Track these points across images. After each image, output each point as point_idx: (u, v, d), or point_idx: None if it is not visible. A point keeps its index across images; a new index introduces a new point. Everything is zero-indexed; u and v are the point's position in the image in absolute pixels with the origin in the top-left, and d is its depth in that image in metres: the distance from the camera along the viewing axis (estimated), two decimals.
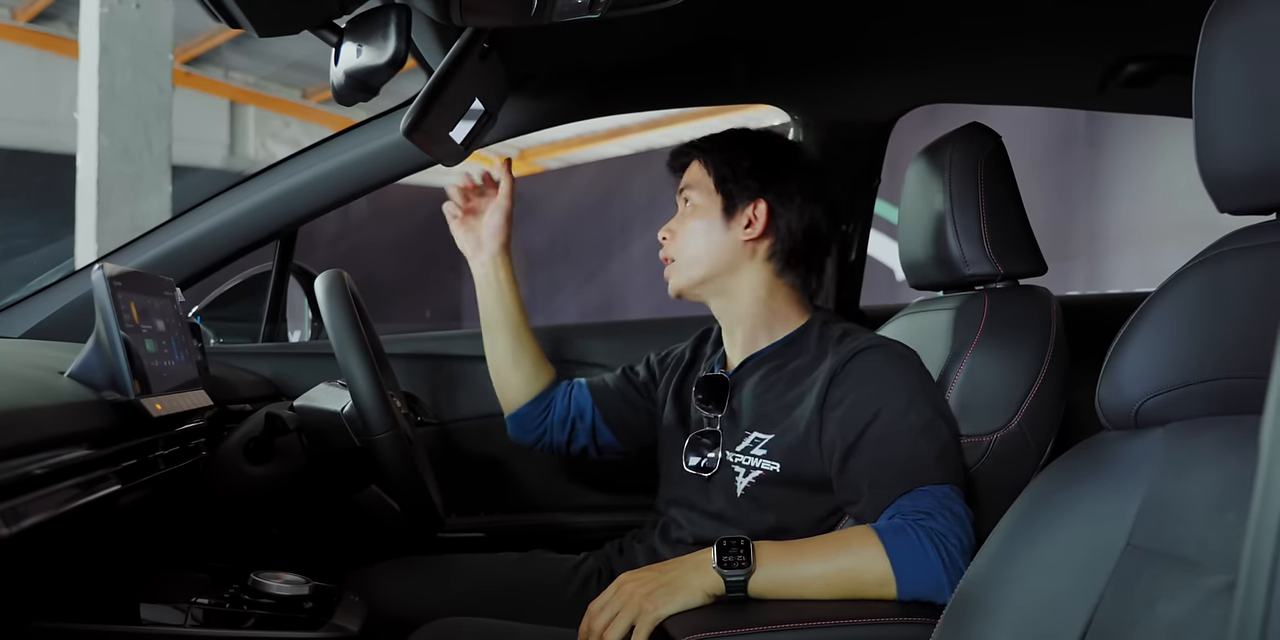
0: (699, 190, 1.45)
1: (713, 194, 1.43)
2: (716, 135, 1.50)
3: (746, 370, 1.42)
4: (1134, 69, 1.62)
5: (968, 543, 1.13)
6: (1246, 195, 0.80)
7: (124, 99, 4.10)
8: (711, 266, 1.43)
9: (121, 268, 1.13)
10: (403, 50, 1.03)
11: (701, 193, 1.44)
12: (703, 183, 1.45)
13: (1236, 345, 0.79)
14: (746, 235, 1.42)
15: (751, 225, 1.41)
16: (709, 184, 1.44)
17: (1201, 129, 0.82)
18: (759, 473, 1.34)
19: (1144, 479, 0.83)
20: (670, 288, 1.47)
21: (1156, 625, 0.76)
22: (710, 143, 1.48)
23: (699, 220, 1.44)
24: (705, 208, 1.43)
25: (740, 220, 1.42)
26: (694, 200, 1.45)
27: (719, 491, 1.39)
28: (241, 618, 1.13)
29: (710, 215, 1.43)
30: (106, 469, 1.00)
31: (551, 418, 1.64)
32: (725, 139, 1.48)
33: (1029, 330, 1.32)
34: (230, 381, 1.59)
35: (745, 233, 1.42)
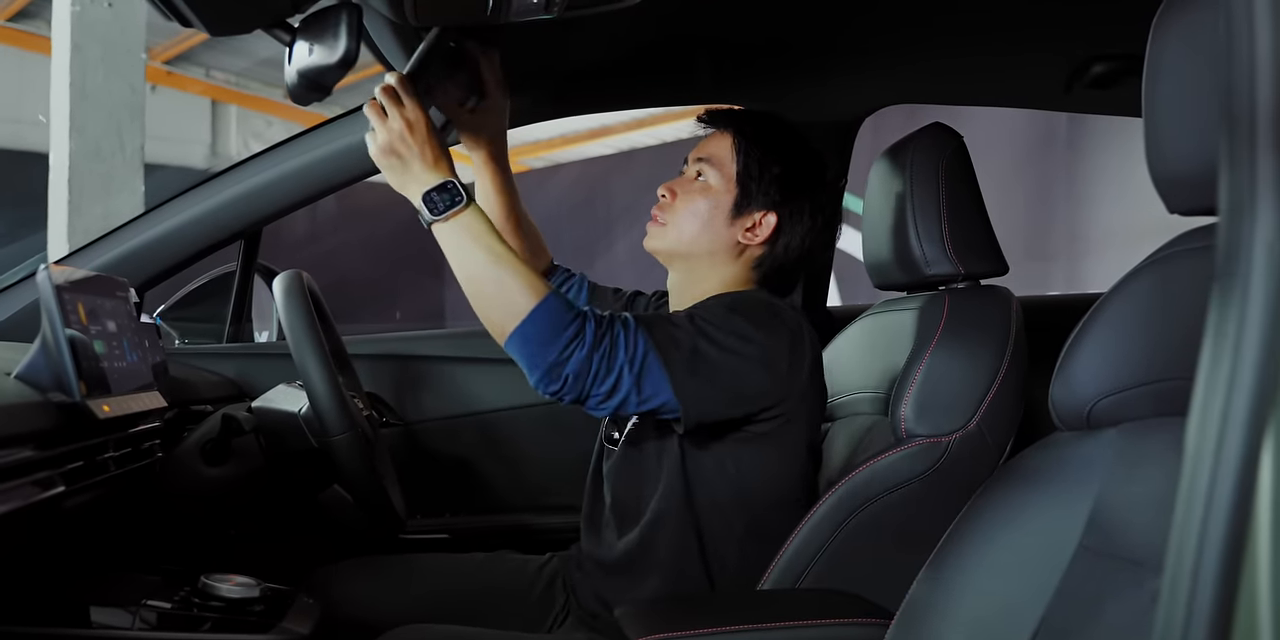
0: (718, 171, 1.40)
1: (730, 182, 1.39)
2: (759, 120, 1.44)
3: None
4: (1099, 70, 1.62)
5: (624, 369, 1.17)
6: (1196, 196, 0.80)
7: (96, 98, 4.07)
8: (694, 248, 1.40)
9: (72, 269, 1.12)
10: (354, 50, 1.03)
11: (720, 176, 1.40)
12: (724, 165, 1.40)
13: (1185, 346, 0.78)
14: (745, 239, 1.39)
15: (753, 231, 1.39)
16: (730, 170, 1.39)
17: (1151, 130, 0.81)
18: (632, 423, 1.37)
19: (1096, 480, 0.83)
20: (647, 244, 1.44)
21: (1105, 626, 0.77)
22: (750, 128, 1.42)
23: (706, 201, 1.39)
24: (717, 193, 1.39)
25: (745, 221, 1.39)
26: (709, 178, 1.40)
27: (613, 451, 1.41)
28: (192, 620, 1.11)
29: (719, 202, 1.39)
30: (51, 471, 0.99)
31: None
32: (767, 133, 1.42)
33: (989, 330, 1.32)
34: (192, 382, 1.58)
35: (745, 236, 1.39)
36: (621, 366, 1.17)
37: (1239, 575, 0.43)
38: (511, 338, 1.17)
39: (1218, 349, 0.46)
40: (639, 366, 1.18)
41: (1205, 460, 0.45)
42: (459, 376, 1.87)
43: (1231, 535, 0.44)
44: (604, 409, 1.20)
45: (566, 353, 1.15)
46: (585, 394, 1.18)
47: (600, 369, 1.16)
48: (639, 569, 1.34)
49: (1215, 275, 0.47)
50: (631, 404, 1.20)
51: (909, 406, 1.28)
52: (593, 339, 1.17)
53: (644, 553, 1.33)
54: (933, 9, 1.47)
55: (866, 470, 1.27)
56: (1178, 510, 0.47)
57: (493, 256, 1.19)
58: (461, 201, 1.20)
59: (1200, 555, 0.45)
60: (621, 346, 1.18)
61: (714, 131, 1.44)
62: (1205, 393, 0.46)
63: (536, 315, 1.16)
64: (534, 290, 1.18)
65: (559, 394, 1.18)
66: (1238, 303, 0.45)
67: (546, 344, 1.16)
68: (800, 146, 1.44)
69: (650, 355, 1.19)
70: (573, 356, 1.15)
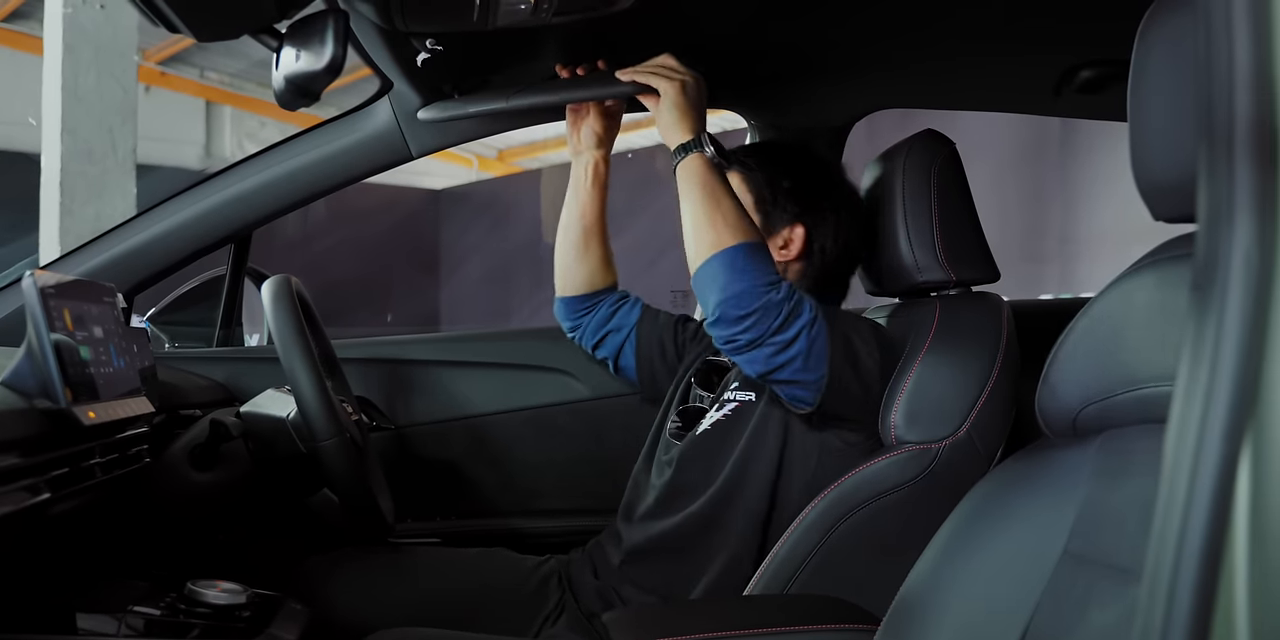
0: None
1: (751, 212, 1.43)
2: (757, 149, 1.52)
3: None
4: (1088, 75, 1.62)
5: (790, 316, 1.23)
6: (1180, 203, 0.80)
7: (88, 100, 4.06)
8: None
9: (59, 274, 1.11)
10: (340, 55, 1.03)
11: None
12: (741, 198, 1.43)
13: (1170, 352, 0.79)
14: (782, 256, 1.45)
15: (788, 247, 1.45)
16: (748, 201, 1.46)
17: (1135, 136, 0.81)
18: (734, 404, 1.39)
19: (1081, 487, 0.83)
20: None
21: (1089, 632, 0.77)
22: (752, 158, 1.50)
23: None
24: None
25: (776, 242, 1.45)
26: None
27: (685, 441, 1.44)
28: (178, 627, 1.11)
29: None
30: (36, 478, 0.98)
31: (593, 317, 1.69)
32: (766, 155, 1.50)
33: (980, 337, 1.32)
34: (182, 387, 1.58)
35: (782, 254, 1.45)
36: (804, 325, 1.23)
37: (1216, 583, 0.43)
38: (724, 253, 1.24)
39: (1195, 358, 0.47)
40: (815, 333, 1.23)
41: (1183, 469, 0.45)
42: (449, 380, 1.86)
43: (1209, 544, 0.44)
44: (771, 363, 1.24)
45: (762, 289, 1.22)
46: (763, 340, 1.22)
47: (785, 320, 1.22)
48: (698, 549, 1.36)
49: (1193, 285, 0.48)
50: (795, 366, 1.24)
51: (899, 413, 1.28)
52: (788, 290, 1.23)
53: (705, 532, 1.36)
54: (923, 14, 1.47)
55: (855, 476, 1.27)
56: (1156, 518, 0.47)
57: (731, 195, 1.31)
58: (706, 146, 1.33)
59: (1178, 563, 0.45)
60: (807, 309, 1.24)
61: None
62: (1183, 402, 0.46)
63: (754, 245, 1.25)
64: (756, 229, 1.29)
65: (739, 325, 1.22)
66: (1215, 312, 0.45)
67: (753, 271, 1.23)
68: (801, 156, 1.51)
69: (823, 328, 1.24)
70: (767, 296, 1.21)
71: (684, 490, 1.40)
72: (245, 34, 1.09)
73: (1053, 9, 1.43)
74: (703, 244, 1.27)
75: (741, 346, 1.23)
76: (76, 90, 4.05)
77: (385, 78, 1.55)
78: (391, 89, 1.59)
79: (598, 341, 1.70)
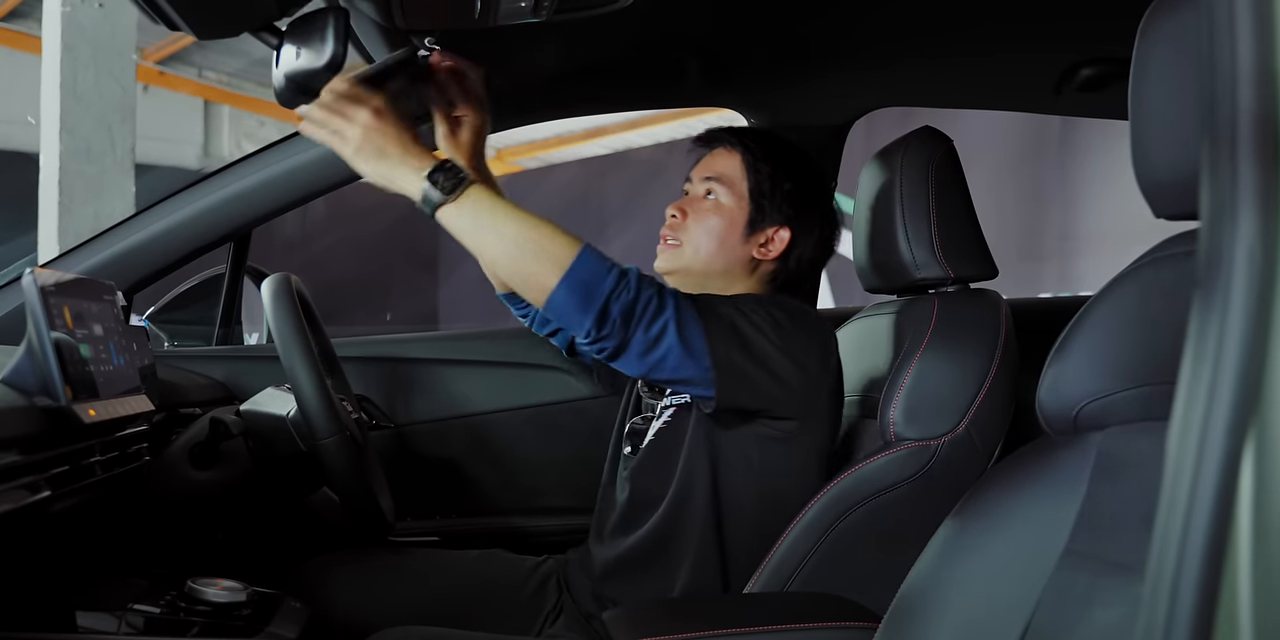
0: (730, 189, 1.41)
1: (743, 200, 1.40)
2: (764, 137, 1.45)
3: None
4: (1088, 73, 1.62)
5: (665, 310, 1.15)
6: (1181, 200, 0.80)
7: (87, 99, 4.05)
8: (710, 267, 1.41)
9: (59, 272, 1.11)
10: (341, 53, 1.03)
11: (732, 194, 1.41)
12: (736, 183, 1.42)
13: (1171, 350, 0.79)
14: (759, 254, 1.41)
15: (767, 247, 1.41)
16: (742, 188, 1.41)
17: (1137, 134, 0.81)
18: (672, 409, 1.35)
19: (1082, 484, 0.83)
20: (659, 265, 1.44)
21: (1092, 630, 0.76)
22: (758, 146, 1.43)
23: (720, 220, 1.41)
24: (731, 211, 1.41)
25: (759, 238, 1.41)
26: (721, 197, 1.41)
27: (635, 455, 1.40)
28: (178, 625, 1.11)
29: (734, 221, 1.40)
30: (36, 475, 0.98)
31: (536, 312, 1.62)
32: (773, 148, 1.44)
33: (978, 334, 1.32)
34: (181, 385, 1.58)
35: (759, 251, 1.41)
36: (668, 319, 1.16)
37: (1220, 581, 0.43)
38: (558, 289, 1.13)
39: (1199, 356, 0.46)
40: (684, 322, 1.17)
41: (1186, 467, 0.45)
42: (449, 379, 1.86)
43: (1212, 541, 0.44)
44: (643, 364, 1.17)
45: (616, 293, 1.13)
46: (628, 340, 1.14)
47: (647, 314, 1.15)
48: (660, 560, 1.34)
49: (1196, 282, 0.47)
50: (671, 362, 1.17)
51: (898, 410, 1.28)
52: (638, 282, 1.15)
53: (665, 543, 1.33)
54: (924, 12, 1.47)
55: (854, 473, 1.27)
56: (1159, 516, 0.47)
57: (518, 220, 1.15)
58: (466, 177, 1.15)
59: (1181, 561, 0.44)
60: (669, 298, 1.17)
61: (717, 149, 1.45)
62: (1186, 399, 0.46)
63: (580, 262, 1.13)
64: (569, 240, 1.15)
65: (605, 339, 1.14)
66: (1219, 310, 0.45)
67: (594, 286, 1.13)
68: (805, 160, 1.46)
69: (693, 314, 1.18)
70: (621, 297, 1.13)
71: (643, 505, 1.36)
72: (245, 32, 1.09)
73: (1053, 7, 1.43)
74: (534, 277, 1.14)
75: (611, 353, 1.16)
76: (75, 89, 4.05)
77: None
78: None
79: (549, 333, 1.65)
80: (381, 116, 1.14)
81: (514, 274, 1.17)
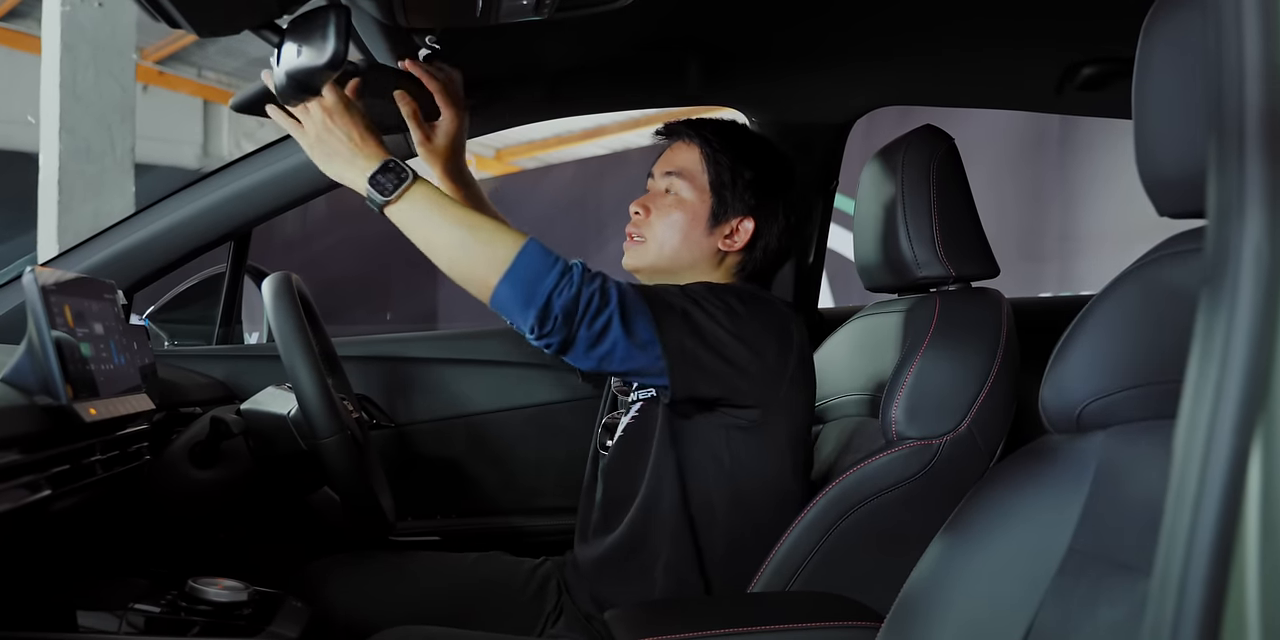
0: (689, 183, 1.41)
1: (704, 193, 1.40)
2: (722, 128, 1.44)
3: None
4: (1089, 72, 1.62)
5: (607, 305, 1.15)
6: (1185, 199, 0.79)
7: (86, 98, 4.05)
8: (676, 261, 1.41)
9: (59, 271, 1.11)
10: (342, 51, 1.03)
11: (692, 188, 1.41)
12: (696, 177, 1.41)
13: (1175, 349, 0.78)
14: (724, 245, 1.41)
15: (732, 238, 1.40)
16: (703, 181, 1.40)
17: (1140, 132, 0.81)
18: (640, 404, 1.35)
19: (1086, 483, 0.83)
20: (626, 262, 1.44)
21: (1097, 629, 0.76)
22: (716, 137, 1.42)
23: (682, 214, 1.40)
24: (693, 205, 1.40)
25: (723, 229, 1.40)
26: (681, 192, 1.41)
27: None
28: (179, 625, 1.11)
29: (696, 215, 1.40)
30: (36, 474, 0.98)
31: None
32: (731, 139, 1.43)
33: (980, 332, 1.31)
34: (181, 384, 1.58)
35: (724, 243, 1.40)
36: (612, 312, 1.16)
37: (1227, 579, 0.43)
38: (500, 287, 1.14)
39: (1206, 353, 0.46)
40: (629, 314, 1.17)
41: (1193, 465, 0.45)
42: (450, 378, 1.86)
43: (1220, 538, 0.43)
44: (590, 357, 1.17)
45: (558, 290, 1.13)
46: (573, 335, 1.15)
47: (590, 309, 1.15)
48: (634, 562, 1.33)
49: (1203, 279, 0.47)
50: (619, 354, 1.17)
51: (899, 408, 1.28)
52: (580, 278, 1.15)
53: (638, 544, 1.33)
54: (924, 11, 1.46)
55: (857, 472, 1.27)
56: (1166, 514, 0.46)
57: (459, 220, 1.17)
58: (408, 177, 1.17)
59: (1189, 559, 0.44)
60: (613, 292, 1.17)
61: (676, 142, 1.45)
62: (1193, 397, 0.46)
63: (521, 260, 1.14)
64: (512, 238, 1.16)
65: (549, 335, 1.14)
66: (1226, 307, 0.45)
67: (535, 283, 1.13)
68: (766, 149, 1.45)
69: (639, 306, 1.19)
70: (563, 294, 1.13)
71: (616, 504, 1.36)
72: (246, 29, 1.09)
73: (1055, 5, 1.43)
74: (477, 275, 1.16)
75: (558, 347, 1.16)
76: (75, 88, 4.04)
77: None
78: None
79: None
80: (332, 116, 1.18)
81: (457, 273, 1.18)
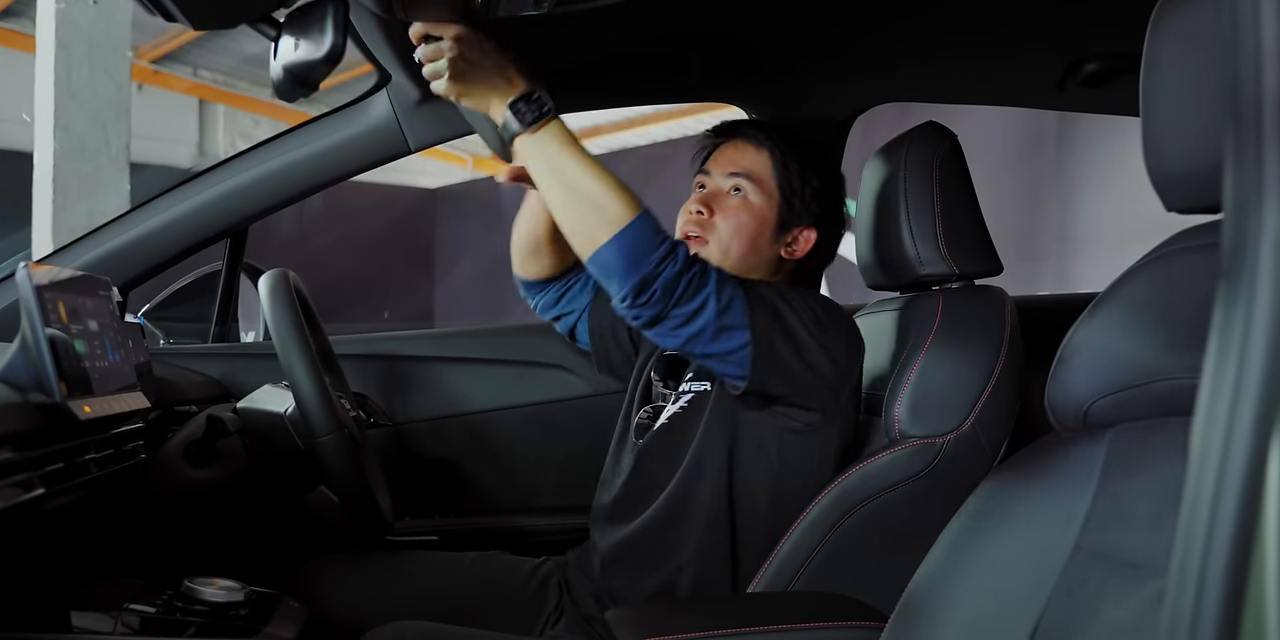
0: (759, 186, 1.38)
1: (773, 198, 1.38)
2: (788, 133, 1.42)
3: None
4: (1092, 68, 1.62)
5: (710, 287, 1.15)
6: (1193, 194, 0.79)
7: (81, 96, 4.05)
8: (739, 267, 1.36)
9: (53, 268, 1.10)
10: (340, 44, 1.02)
11: (761, 192, 1.38)
12: (765, 181, 1.38)
13: (1183, 345, 0.78)
14: (785, 253, 1.40)
15: (794, 246, 1.40)
16: (772, 186, 1.38)
17: (1148, 127, 0.81)
18: (690, 395, 1.34)
19: (1092, 481, 0.83)
20: None
21: (1103, 629, 0.76)
22: (785, 143, 1.40)
23: (751, 219, 1.38)
24: (761, 211, 1.38)
25: (786, 238, 1.39)
26: (750, 195, 1.38)
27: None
28: (175, 625, 1.10)
29: (764, 221, 1.38)
30: (30, 472, 0.97)
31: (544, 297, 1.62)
32: (798, 144, 1.41)
33: (983, 330, 1.31)
34: (177, 383, 1.56)
35: (786, 251, 1.40)
36: (708, 295, 1.16)
37: (1247, 577, 0.42)
38: (606, 246, 1.13)
39: (1224, 348, 0.45)
40: (725, 300, 1.17)
41: (1212, 461, 0.44)
42: (447, 377, 1.85)
43: (1239, 537, 0.43)
44: (677, 336, 1.17)
45: (662, 266, 1.13)
46: (665, 313, 1.14)
47: (688, 290, 1.14)
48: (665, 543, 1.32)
49: (1221, 273, 0.46)
50: (706, 336, 1.17)
51: (903, 407, 1.27)
52: (684, 259, 1.15)
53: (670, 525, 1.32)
54: (925, 7, 1.46)
55: (860, 471, 1.26)
56: (1183, 512, 0.46)
57: (587, 165, 1.16)
58: (550, 110, 1.16)
59: (1207, 557, 0.44)
60: (712, 277, 1.17)
61: (736, 143, 1.42)
62: (1211, 393, 0.45)
63: (636, 224, 1.14)
64: (632, 200, 1.15)
65: (642, 307, 1.14)
66: (1244, 301, 0.44)
67: (644, 253, 1.13)
68: (826, 158, 1.44)
69: (736, 293, 1.18)
70: (665, 271, 1.13)
71: (645, 490, 1.35)
72: (243, 23, 1.08)
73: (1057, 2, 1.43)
74: (586, 225, 1.15)
75: (647, 322, 1.16)
76: (69, 86, 4.04)
77: (384, 70, 1.54)
78: (390, 81, 1.58)
79: (553, 318, 1.65)
80: (463, 40, 1.14)
81: (568, 220, 1.17)
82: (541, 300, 1.63)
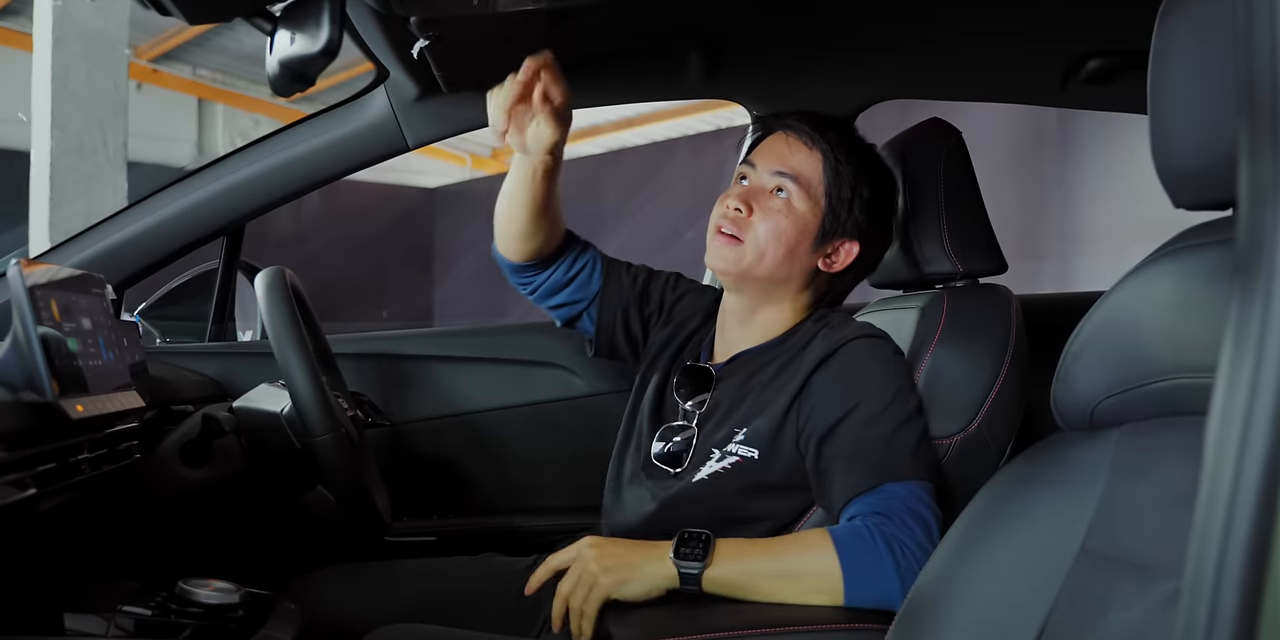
0: (805, 191, 1.29)
1: (818, 205, 1.29)
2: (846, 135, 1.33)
3: (737, 365, 1.35)
4: (1095, 65, 1.61)
5: (929, 546, 1.08)
6: (1201, 191, 0.78)
7: (79, 95, 4.05)
8: (774, 274, 1.30)
9: (46, 265, 1.09)
10: (336, 38, 1.01)
11: (807, 198, 1.29)
12: (812, 186, 1.29)
13: (1191, 343, 0.77)
14: (823, 265, 1.32)
15: (833, 258, 1.32)
16: (819, 191, 1.29)
17: (1156, 124, 0.80)
18: (735, 459, 1.26)
19: (1099, 482, 0.82)
20: (716, 264, 1.31)
21: (1109, 632, 0.75)
22: (842, 147, 1.30)
23: (792, 225, 1.28)
24: (803, 217, 1.29)
25: (826, 249, 1.31)
26: (794, 199, 1.29)
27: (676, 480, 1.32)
28: (169, 627, 1.09)
29: (805, 228, 1.29)
30: (22, 472, 0.96)
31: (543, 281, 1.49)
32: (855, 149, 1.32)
33: (989, 330, 1.30)
34: (172, 382, 1.56)
35: (824, 263, 1.32)
36: (924, 535, 1.11)
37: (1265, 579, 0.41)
38: (850, 603, 1.10)
39: (1240, 345, 0.44)
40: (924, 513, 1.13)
41: (1228, 461, 0.43)
42: (445, 376, 1.85)
43: (1256, 538, 0.42)
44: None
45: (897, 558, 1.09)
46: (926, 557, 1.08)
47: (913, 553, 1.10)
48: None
49: (1235, 269, 0.45)
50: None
51: None
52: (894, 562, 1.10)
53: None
54: (923, 6, 1.45)
55: None
56: (1198, 513, 0.45)
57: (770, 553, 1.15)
58: (705, 535, 1.14)
59: (1223, 559, 0.43)
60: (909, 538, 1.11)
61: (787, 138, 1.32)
62: (1227, 390, 0.44)
63: (851, 576, 1.10)
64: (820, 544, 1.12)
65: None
66: (1261, 295, 0.43)
67: (876, 578, 1.09)
68: (884, 167, 1.36)
69: (915, 497, 1.14)
70: (906, 555, 1.09)
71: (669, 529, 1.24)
72: (238, 17, 1.07)
73: None
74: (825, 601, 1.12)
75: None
76: (67, 84, 4.04)
77: (381, 66, 1.53)
78: (388, 78, 1.57)
79: (551, 306, 1.51)
80: (599, 545, 1.15)
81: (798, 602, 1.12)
82: (539, 284, 1.50)
